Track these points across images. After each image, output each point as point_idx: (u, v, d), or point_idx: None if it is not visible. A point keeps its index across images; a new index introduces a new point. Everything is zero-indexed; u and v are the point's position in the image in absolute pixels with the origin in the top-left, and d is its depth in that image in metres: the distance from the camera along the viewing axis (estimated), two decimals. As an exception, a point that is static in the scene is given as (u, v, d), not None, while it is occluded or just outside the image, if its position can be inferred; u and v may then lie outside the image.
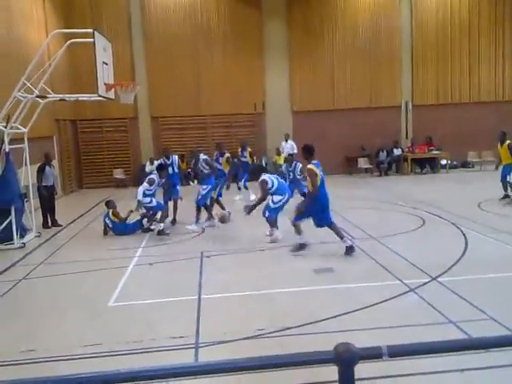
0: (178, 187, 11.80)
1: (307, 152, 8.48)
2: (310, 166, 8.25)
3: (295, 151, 18.71)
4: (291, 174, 12.37)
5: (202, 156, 11.58)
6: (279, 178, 9.95)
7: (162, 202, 11.17)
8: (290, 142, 18.81)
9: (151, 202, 10.68)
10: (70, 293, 7.19)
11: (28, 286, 7.67)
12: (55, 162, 17.22)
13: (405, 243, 8.99)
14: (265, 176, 9.61)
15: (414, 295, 6.30)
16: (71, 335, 5.61)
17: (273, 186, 9.47)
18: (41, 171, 11.64)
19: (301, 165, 12.27)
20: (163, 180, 11.02)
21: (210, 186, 11.23)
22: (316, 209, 8.37)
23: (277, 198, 9.45)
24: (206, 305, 6.31)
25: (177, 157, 12.05)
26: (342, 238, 8.40)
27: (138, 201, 10.47)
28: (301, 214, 8.56)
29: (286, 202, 9.64)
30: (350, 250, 8.25)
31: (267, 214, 9.52)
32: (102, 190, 19.11)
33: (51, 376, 1.93)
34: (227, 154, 13.42)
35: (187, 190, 14.47)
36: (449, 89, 21.10)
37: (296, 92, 20.67)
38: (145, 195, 10.49)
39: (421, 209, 12.08)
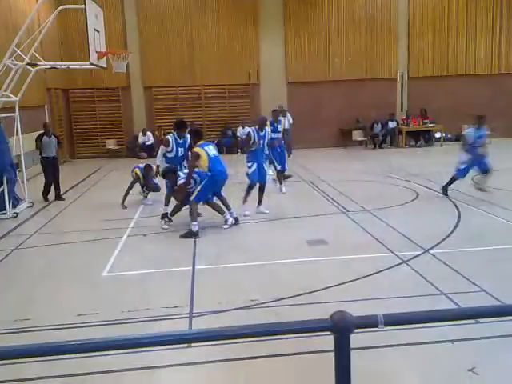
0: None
1: (195, 136, 8.74)
2: (195, 149, 8.41)
3: (291, 122, 18.56)
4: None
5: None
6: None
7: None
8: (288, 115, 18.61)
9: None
10: (64, 263, 7.19)
11: (21, 255, 7.66)
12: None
13: (398, 216, 9.02)
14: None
15: (407, 267, 6.35)
16: (65, 304, 5.62)
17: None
18: (38, 141, 11.32)
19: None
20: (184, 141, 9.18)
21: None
22: (209, 187, 8.42)
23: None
24: (200, 275, 6.33)
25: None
26: (222, 213, 8.65)
27: (157, 166, 9.32)
28: (199, 195, 8.36)
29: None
30: (234, 221, 8.69)
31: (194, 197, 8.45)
32: (94, 160, 18.99)
33: (50, 342, 1.92)
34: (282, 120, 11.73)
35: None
36: (445, 61, 20.91)
37: (291, 62, 20.41)
38: (167, 160, 9.11)
39: (415, 182, 12.11)
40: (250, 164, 9.44)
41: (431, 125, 20.05)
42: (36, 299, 5.87)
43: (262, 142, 9.46)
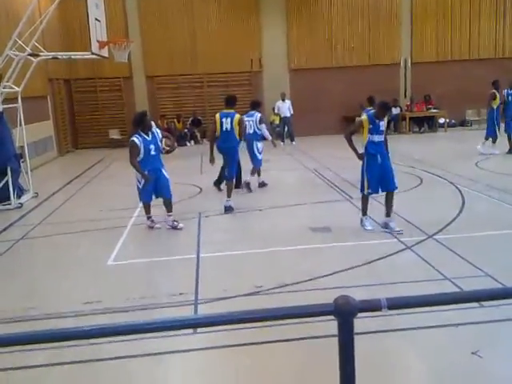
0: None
1: (225, 103, 9.29)
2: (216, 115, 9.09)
3: (292, 112, 18.48)
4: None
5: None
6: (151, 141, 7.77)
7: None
8: (288, 101, 18.54)
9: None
10: (69, 252, 7.23)
11: (26, 245, 7.70)
12: (50, 122, 17.10)
13: (402, 202, 8.97)
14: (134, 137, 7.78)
15: (411, 253, 6.36)
16: (71, 293, 5.66)
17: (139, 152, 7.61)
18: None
19: None
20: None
21: None
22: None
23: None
24: (205, 263, 6.36)
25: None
26: (229, 196, 8.92)
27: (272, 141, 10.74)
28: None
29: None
30: (227, 209, 8.80)
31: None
32: (97, 150, 19.01)
33: (57, 328, 1.94)
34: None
35: (183, 150, 14.36)
36: (449, 45, 20.72)
37: (294, 49, 20.28)
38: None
39: (418, 168, 12.07)
40: None
41: (435, 111, 19.94)
42: (42, 288, 5.92)
43: None
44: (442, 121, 20.16)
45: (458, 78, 20.24)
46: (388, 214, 7.36)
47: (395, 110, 20.21)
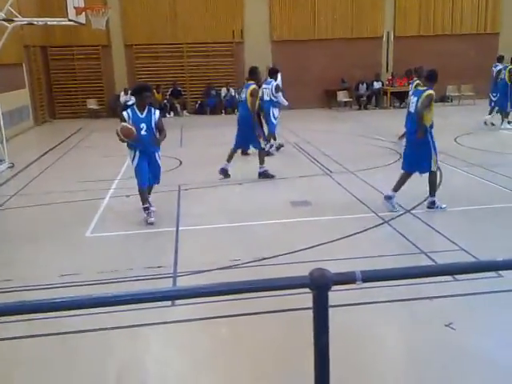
0: None
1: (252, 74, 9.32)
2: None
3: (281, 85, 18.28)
4: None
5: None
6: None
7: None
8: (279, 73, 18.32)
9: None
10: (46, 224, 7.14)
11: (2, 217, 7.60)
12: (25, 91, 16.67)
13: (381, 177, 9.06)
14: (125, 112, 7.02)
15: (388, 227, 6.44)
16: (48, 265, 5.61)
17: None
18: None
19: None
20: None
21: None
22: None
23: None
24: (184, 236, 6.34)
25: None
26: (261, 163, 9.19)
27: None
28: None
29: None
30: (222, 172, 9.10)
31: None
32: (75, 120, 18.66)
33: (32, 300, 1.92)
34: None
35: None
36: (431, 20, 20.65)
37: (276, 20, 19.98)
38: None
39: (398, 143, 12.11)
40: None
41: (416, 85, 19.94)
42: (18, 260, 5.84)
43: None
44: (422, 96, 20.16)
45: (440, 53, 20.21)
46: (433, 194, 7.06)
47: (377, 85, 20.20)
